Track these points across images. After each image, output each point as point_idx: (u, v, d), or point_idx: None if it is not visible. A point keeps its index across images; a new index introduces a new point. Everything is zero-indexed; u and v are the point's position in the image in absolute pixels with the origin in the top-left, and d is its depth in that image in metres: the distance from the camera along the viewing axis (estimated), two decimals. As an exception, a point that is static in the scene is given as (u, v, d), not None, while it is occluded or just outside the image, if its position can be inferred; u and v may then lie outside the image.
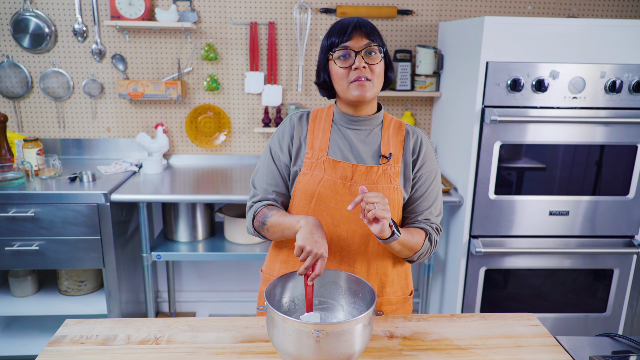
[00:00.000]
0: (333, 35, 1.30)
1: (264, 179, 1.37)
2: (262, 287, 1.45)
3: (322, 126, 1.37)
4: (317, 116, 1.39)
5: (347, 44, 1.27)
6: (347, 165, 1.31)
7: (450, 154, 2.57)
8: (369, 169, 1.31)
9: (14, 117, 2.78)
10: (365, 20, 1.31)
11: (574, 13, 2.80)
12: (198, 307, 3.12)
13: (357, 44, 1.27)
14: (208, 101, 2.84)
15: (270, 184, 1.36)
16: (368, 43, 1.27)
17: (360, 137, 1.36)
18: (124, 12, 2.57)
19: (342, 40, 1.27)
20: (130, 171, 2.63)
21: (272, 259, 1.44)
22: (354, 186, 1.30)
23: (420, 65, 2.69)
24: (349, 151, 1.34)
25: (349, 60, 1.28)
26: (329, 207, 1.31)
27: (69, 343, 1.20)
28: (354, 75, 1.27)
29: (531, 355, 1.18)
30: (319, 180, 1.30)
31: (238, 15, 2.72)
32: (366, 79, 1.27)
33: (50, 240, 2.28)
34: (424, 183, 1.36)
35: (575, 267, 2.40)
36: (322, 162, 1.32)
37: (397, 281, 1.39)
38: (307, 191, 1.31)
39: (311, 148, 1.34)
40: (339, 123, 1.37)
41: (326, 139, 1.35)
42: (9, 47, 2.68)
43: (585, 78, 2.15)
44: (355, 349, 1.05)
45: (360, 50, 1.27)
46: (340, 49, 1.28)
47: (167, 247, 2.55)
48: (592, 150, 2.25)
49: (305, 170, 1.32)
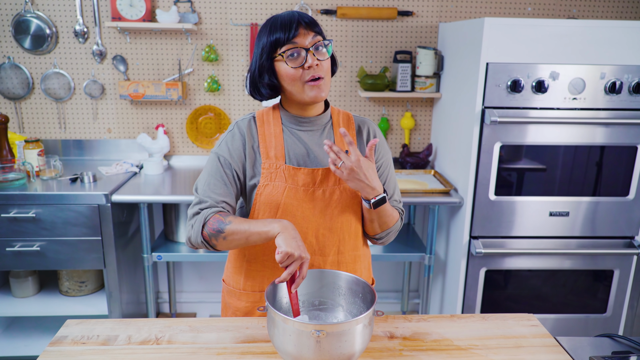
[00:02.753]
0: (276, 32, 1.19)
1: (211, 187, 1.26)
2: (229, 299, 1.41)
3: (273, 131, 1.29)
4: (264, 120, 1.31)
5: (295, 41, 1.18)
6: (307, 172, 1.26)
7: (451, 154, 2.57)
8: (328, 171, 1.27)
9: (15, 118, 2.79)
10: (303, 12, 1.22)
11: (574, 14, 2.81)
12: (198, 308, 3.12)
13: (305, 40, 1.18)
14: (209, 102, 2.84)
15: (218, 194, 1.25)
16: (314, 36, 1.20)
17: (313, 139, 1.31)
18: (125, 14, 2.57)
19: (288, 37, 1.17)
20: (131, 172, 2.63)
21: (235, 271, 1.38)
22: (317, 191, 1.27)
23: (420, 67, 2.69)
24: (306, 155, 1.29)
25: (300, 59, 1.19)
26: (295, 217, 1.27)
27: (70, 343, 1.20)
28: (308, 74, 1.19)
29: (531, 356, 1.19)
30: (282, 190, 1.25)
31: (238, 16, 2.72)
32: (319, 78, 1.21)
33: (51, 241, 2.28)
34: (383, 173, 1.38)
35: (576, 268, 2.40)
36: (282, 171, 1.26)
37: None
38: (271, 203, 1.26)
39: (267, 157, 1.27)
40: (289, 126, 1.31)
41: (281, 146, 1.28)
42: (10, 48, 2.69)
43: (585, 79, 2.15)
44: (355, 349, 1.05)
45: (309, 47, 1.19)
46: (289, 47, 1.18)
47: (167, 247, 2.55)
48: (592, 151, 2.25)
49: (264, 181, 1.26)
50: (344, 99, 2.87)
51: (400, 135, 2.94)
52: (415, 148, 2.98)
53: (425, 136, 2.95)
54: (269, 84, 1.25)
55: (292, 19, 1.19)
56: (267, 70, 1.23)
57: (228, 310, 1.43)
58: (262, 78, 1.25)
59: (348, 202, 1.30)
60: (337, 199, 1.29)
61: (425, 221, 3.00)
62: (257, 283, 1.35)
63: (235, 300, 1.39)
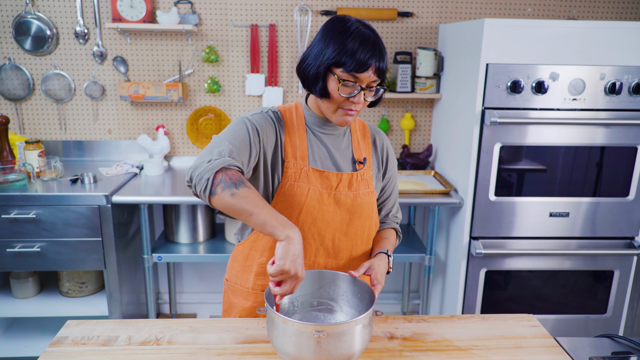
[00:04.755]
0: (348, 54, 1.13)
1: (236, 145, 1.15)
2: (234, 299, 1.40)
3: (297, 131, 1.28)
4: (287, 119, 1.29)
5: (358, 75, 1.15)
6: (331, 175, 1.27)
7: (451, 155, 2.57)
8: (350, 177, 1.29)
9: (15, 119, 2.79)
10: (383, 52, 1.17)
11: (573, 15, 2.81)
12: (199, 309, 3.13)
13: (367, 79, 1.16)
14: (209, 103, 2.84)
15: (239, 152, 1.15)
16: (377, 82, 1.19)
17: (335, 143, 1.32)
18: (125, 15, 2.58)
19: (356, 69, 1.14)
20: (132, 173, 2.64)
21: (245, 270, 1.36)
22: (338, 195, 1.28)
23: (420, 67, 2.69)
24: (328, 159, 1.30)
25: (350, 90, 1.17)
26: (316, 219, 1.27)
27: (70, 344, 1.21)
28: (348, 105, 1.20)
29: (531, 356, 1.19)
30: (306, 192, 1.25)
31: (239, 17, 2.73)
32: (356, 111, 1.22)
33: (52, 242, 2.29)
34: (391, 184, 1.43)
35: (576, 269, 2.40)
36: (306, 172, 1.25)
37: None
38: (293, 203, 1.25)
39: (292, 157, 1.26)
40: (313, 127, 1.30)
41: (304, 147, 1.27)
42: (11, 49, 2.69)
43: (585, 80, 2.15)
44: (355, 349, 1.05)
45: (367, 87, 1.18)
46: (349, 77, 1.15)
47: (168, 248, 2.55)
48: (592, 151, 2.25)
49: (288, 180, 1.25)
50: (344, 100, 2.87)
51: (400, 136, 2.94)
52: (415, 149, 2.98)
53: (425, 137, 2.95)
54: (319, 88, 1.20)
55: (374, 49, 1.14)
56: (322, 75, 1.18)
57: (232, 310, 1.42)
58: (313, 78, 1.20)
59: (364, 208, 1.31)
60: (355, 205, 1.30)
61: (426, 222, 3.00)
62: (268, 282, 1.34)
63: (241, 300, 1.39)
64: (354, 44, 1.14)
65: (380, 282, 1.23)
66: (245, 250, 1.36)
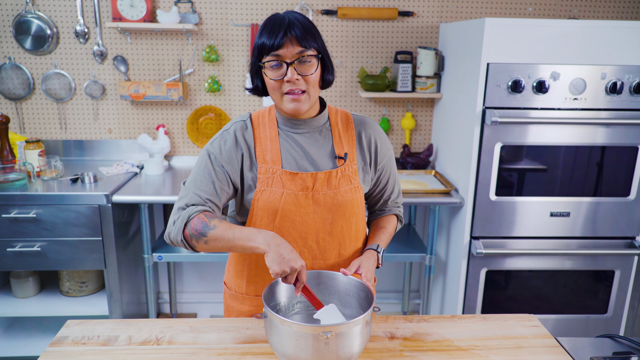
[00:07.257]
0: (264, 36, 1.16)
1: (198, 184, 1.22)
2: (232, 303, 1.40)
3: (269, 134, 1.26)
4: (259, 123, 1.28)
5: (278, 52, 1.14)
6: (305, 176, 1.24)
7: (451, 155, 2.57)
8: (328, 175, 1.25)
9: (15, 118, 2.79)
10: (296, 20, 1.15)
11: (574, 14, 2.80)
12: (199, 308, 3.12)
13: (289, 52, 1.14)
14: (209, 102, 2.84)
15: (205, 191, 1.21)
16: (301, 51, 1.15)
17: (310, 141, 1.28)
18: (126, 14, 2.57)
19: (272, 46, 1.14)
20: (132, 172, 2.64)
21: (237, 275, 1.37)
22: (316, 195, 1.25)
23: (421, 67, 2.69)
24: (304, 159, 1.26)
25: (281, 71, 1.16)
26: (295, 222, 1.25)
27: (70, 344, 1.20)
28: (286, 87, 1.17)
29: (532, 356, 1.19)
30: (279, 195, 1.22)
31: (239, 16, 2.72)
32: (301, 92, 1.18)
33: (52, 241, 2.29)
34: (387, 171, 1.38)
35: (576, 269, 2.40)
36: (279, 175, 1.23)
37: None
38: (269, 209, 1.23)
39: (263, 162, 1.24)
40: (285, 129, 1.27)
41: (277, 150, 1.25)
42: (11, 48, 2.69)
43: (585, 79, 2.15)
44: (354, 350, 1.05)
45: (292, 61, 1.15)
46: (271, 59, 1.15)
47: (168, 248, 2.55)
48: (593, 151, 2.25)
49: (261, 186, 1.23)
50: (344, 100, 2.87)
51: (400, 135, 2.94)
52: (416, 148, 2.98)
53: (426, 136, 2.95)
54: (255, 88, 1.26)
55: (281, 26, 1.14)
56: (255, 73, 1.23)
57: (232, 313, 1.42)
58: (255, 80, 1.25)
59: (347, 206, 1.28)
60: (336, 203, 1.27)
61: (426, 221, 3.00)
62: (259, 287, 1.34)
63: (238, 304, 1.39)
64: (266, 29, 1.17)
65: (370, 279, 1.23)
66: (235, 256, 1.37)
